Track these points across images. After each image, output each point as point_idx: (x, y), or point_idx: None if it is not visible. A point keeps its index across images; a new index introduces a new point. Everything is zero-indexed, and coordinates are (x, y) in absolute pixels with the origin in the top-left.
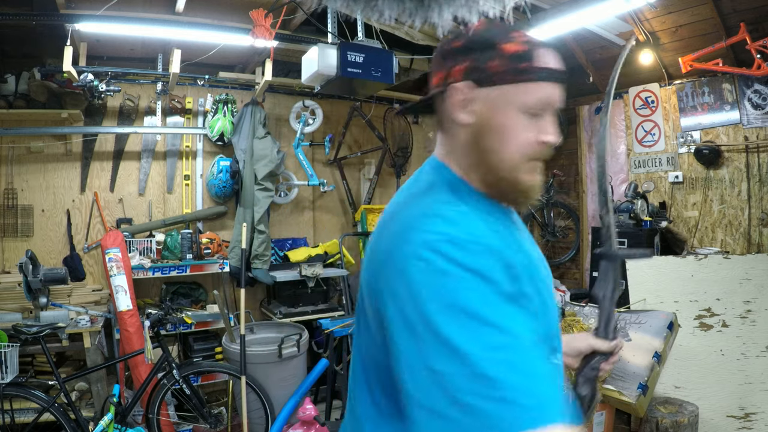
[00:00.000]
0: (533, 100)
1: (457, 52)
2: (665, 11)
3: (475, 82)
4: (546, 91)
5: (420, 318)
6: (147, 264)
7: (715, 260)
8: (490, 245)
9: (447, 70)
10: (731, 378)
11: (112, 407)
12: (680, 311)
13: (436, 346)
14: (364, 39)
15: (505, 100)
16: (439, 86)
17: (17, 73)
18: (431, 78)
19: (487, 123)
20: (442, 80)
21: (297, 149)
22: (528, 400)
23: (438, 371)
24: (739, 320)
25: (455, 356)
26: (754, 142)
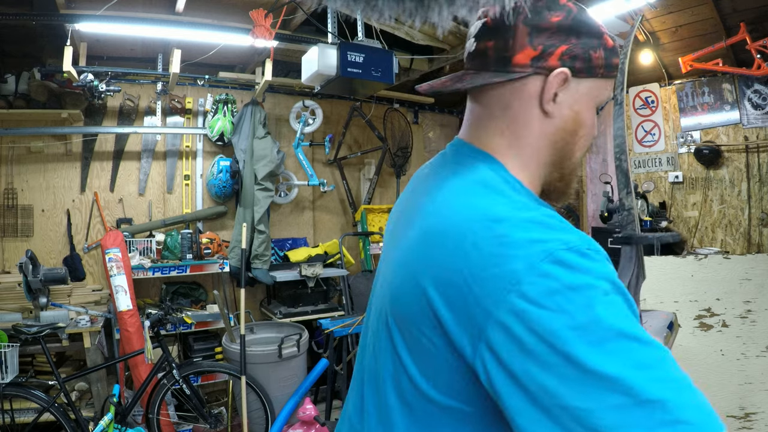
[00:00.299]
0: (606, 96)
1: (559, 30)
2: (665, 11)
3: (573, 70)
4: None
5: (560, 348)
6: (147, 264)
7: (715, 260)
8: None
9: (542, 48)
10: (731, 378)
11: (112, 407)
12: (680, 311)
13: (592, 381)
14: (364, 39)
15: (592, 95)
16: (526, 67)
17: (17, 73)
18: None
19: (576, 117)
20: (531, 59)
21: (297, 149)
22: (698, 416)
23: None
24: (739, 320)
25: (612, 385)
26: (754, 142)
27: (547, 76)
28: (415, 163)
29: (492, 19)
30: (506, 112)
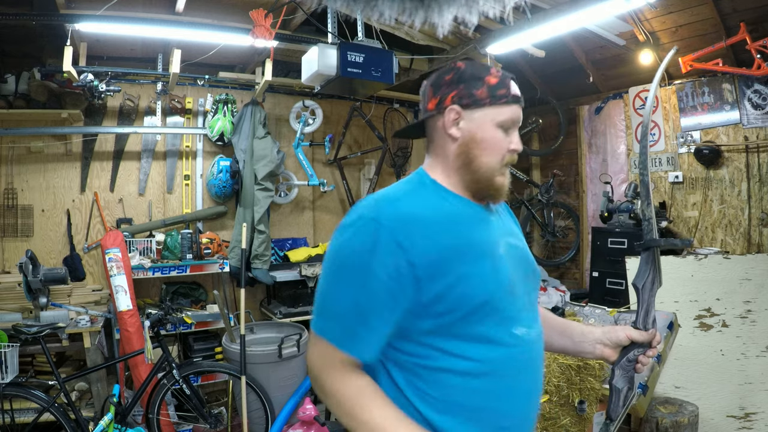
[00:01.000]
0: (504, 117)
1: (449, 83)
2: (665, 11)
3: (463, 106)
4: (513, 111)
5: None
6: (147, 264)
7: (715, 260)
8: (352, 223)
9: (440, 96)
10: (731, 378)
11: (112, 407)
12: (680, 311)
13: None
14: (364, 39)
15: (487, 119)
16: (433, 110)
17: (17, 73)
18: (425, 104)
19: (473, 136)
20: (436, 105)
21: (297, 149)
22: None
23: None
24: (739, 320)
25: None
26: (754, 142)
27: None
28: (415, 163)
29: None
30: (432, 140)
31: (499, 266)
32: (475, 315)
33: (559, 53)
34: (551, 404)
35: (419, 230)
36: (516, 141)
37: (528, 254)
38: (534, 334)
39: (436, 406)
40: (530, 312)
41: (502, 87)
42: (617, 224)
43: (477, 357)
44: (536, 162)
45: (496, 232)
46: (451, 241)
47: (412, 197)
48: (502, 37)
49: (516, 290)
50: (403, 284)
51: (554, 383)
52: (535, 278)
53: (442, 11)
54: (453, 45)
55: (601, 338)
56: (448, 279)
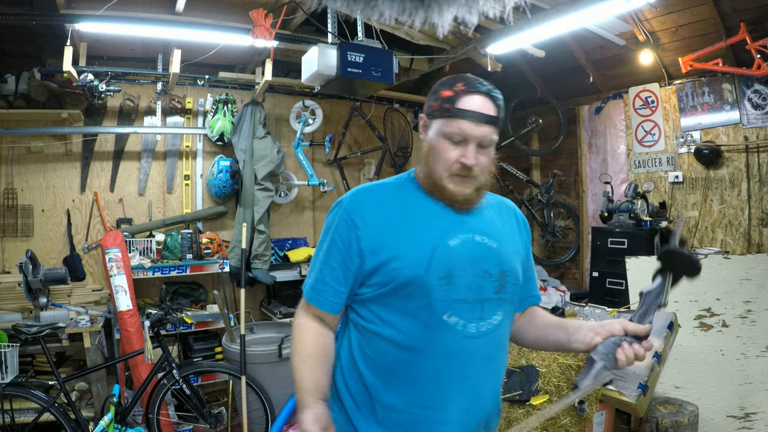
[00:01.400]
0: (449, 130)
1: (430, 92)
2: (665, 11)
3: (427, 115)
4: (461, 126)
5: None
6: (147, 264)
7: (715, 260)
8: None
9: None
10: (731, 378)
11: (112, 407)
12: (680, 311)
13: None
14: (364, 39)
15: (438, 129)
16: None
17: (17, 73)
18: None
19: (430, 144)
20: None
21: (297, 149)
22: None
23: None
24: (739, 320)
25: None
26: (754, 142)
27: None
28: (415, 162)
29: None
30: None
31: (438, 256)
32: (401, 291)
33: (559, 53)
34: (551, 404)
35: (372, 213)
36: (468, 155)
37: (499, 255)
38: (474, 330)
39: (369, 364)
40: (477, 308)
41: (449, 101)
42: (617, 224)
43: (404, 330)
44: (536, 162)
45: (459, 227)
46: (395, 225)
47: (383, 188)
48: (502, 37)
49: (456, 281)
50: (351, 253)
51: (554, 383)
52: (497, 279)
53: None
54: (453, 45)
55: (595, 327)
56: (384, 255)
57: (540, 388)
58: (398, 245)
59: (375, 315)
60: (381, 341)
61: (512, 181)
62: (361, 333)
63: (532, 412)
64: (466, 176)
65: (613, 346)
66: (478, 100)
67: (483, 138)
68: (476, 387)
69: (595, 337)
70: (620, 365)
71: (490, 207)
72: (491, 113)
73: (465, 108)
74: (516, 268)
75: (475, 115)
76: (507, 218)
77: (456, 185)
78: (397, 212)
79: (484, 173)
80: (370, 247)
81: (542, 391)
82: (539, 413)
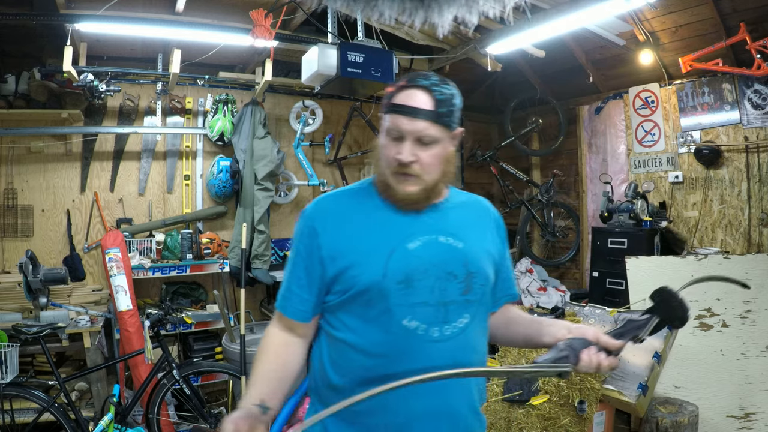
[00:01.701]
0: (387, 125)
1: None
2: (665, 11)
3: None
4: (395, 121)
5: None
6: (147, 264)
7: (715, 260)
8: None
9: None
10: (731, 378)
11: (112, 407)
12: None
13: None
14: (364, 39)
15: (382, 127)
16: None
17: (17, 73)
18: None
19: (380, 142)
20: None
21: (297, 149)
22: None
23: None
24: (739, 320)
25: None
26: (754, 142)
27: None
28: None
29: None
30: None
31: (395, 260)
32: (361, 298)
33: (559, 53)
34: (551, 404)
35: (332, 220)
36: (403, 151)
37: (465, 256)
38: (438, 334)
39: (338, 371)
40: (440, 311)
41: (389, 97)
42: (617, 224)
43: (367, 336)
44: (536, 162)
45: (420, 229)
46: (353, 232)
47: (345, 194)
48: (502, 37)
49: (416, 285)
50: (314, 261)
51: (554, 383)
52: (464, 281)
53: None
54: (453, 45)
55: (569, 326)
56: (343, 263)
57: (540, 388)
58: (355, 252)
59: (340, 322)
60: (347, 348)
61: (512, 181)
62: (330, 340)
63: (532, 413)
64: (405, 174)
65: (581, 345)
66: (415, 95)
67: (419, 133)
68: (446, 394)
69: (567, 335)
70: (581, 365)
71: (460, 206)
72: (427, 107)
73: (399, 103)
74: (484, 269)
75: (408, 110)
76: (478, 217)
77: (398, 183)
78: (356, 218)
79: (429, 172)
80: (330, 255)
81: (542, 391)
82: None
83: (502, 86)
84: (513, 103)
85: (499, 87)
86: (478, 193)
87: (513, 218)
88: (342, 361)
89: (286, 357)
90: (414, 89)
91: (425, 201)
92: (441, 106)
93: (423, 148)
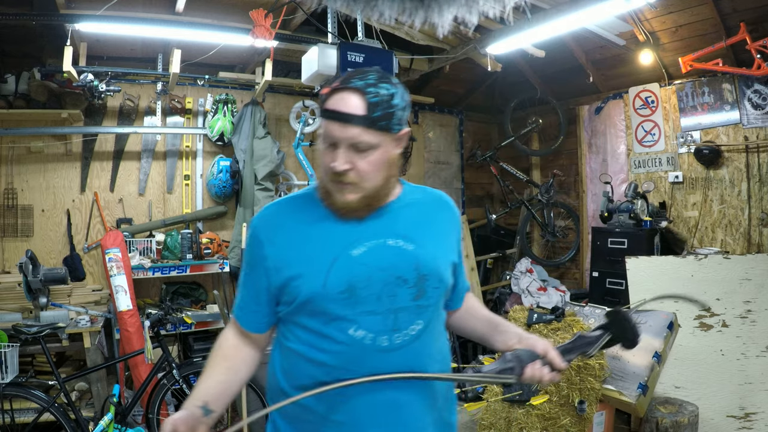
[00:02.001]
0: (323, 132)
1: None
2: (665, 11)
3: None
4: (328, 128)
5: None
6: (147, 264)
7: (715, 260)
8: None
9: None
10: (731, 378)
11: (112, 407)
12: (680, 311)
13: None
14: (364, 39)
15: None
16: None
17: (17, 73)
18: None
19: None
20: None
21: (297, 149)
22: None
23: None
24: (739, 320)
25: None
26: (754, 142)
27: None
28: (415, 162)
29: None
30: None
31: (337, 268)
32: (305, 309)
33: (559, 53)
34: (551, 404)
35: (276, 230)
36: (336, 159)
37: (416, 258)
38: (387, 343)
39: (289, 380)
40: (389, 319)
41: (323, 101)
42: (617, 224)
43: (315, 346)
44: (536, 162)
45: (366, 234)
46: (296, 242)
47: (289, 202)
48: (502, 37)
49: (361, 293)
50: (260, 272)
51: (554, 383)
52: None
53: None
54: (453, 45)
55: (521, 335)
56: (286, 274)
57: (540, 388)
58: (298, 262)
59: (291, 332)
60: (296, 357)
61: (512, 181)
62: (281, 349)
63: (532, 413)
64: (342, 183)
65: (528, 359)
66: (347, 98)
67: (351, 140)
68: (400, 406)
69: (517, 344)
70: (524, 378)
71: (413, 204)
72: (359, 112)
73: (330, 108)
74: (439, 270)
75: (339, 116)
76: (434, 214)
77: (337, 192)
78: (300, 227)
79: (368, 179)
80: (275, 266)
81: (542, 391)
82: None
83: (502, 86)
84: (513, 103)
85: (499, 87)
86: (478, 193)
87: (513, 218)
88: (293, 370)
89: (235, 362)
90: (346, 92)
91: (366, 209)
92: (375, 110)
93: (359, 154)
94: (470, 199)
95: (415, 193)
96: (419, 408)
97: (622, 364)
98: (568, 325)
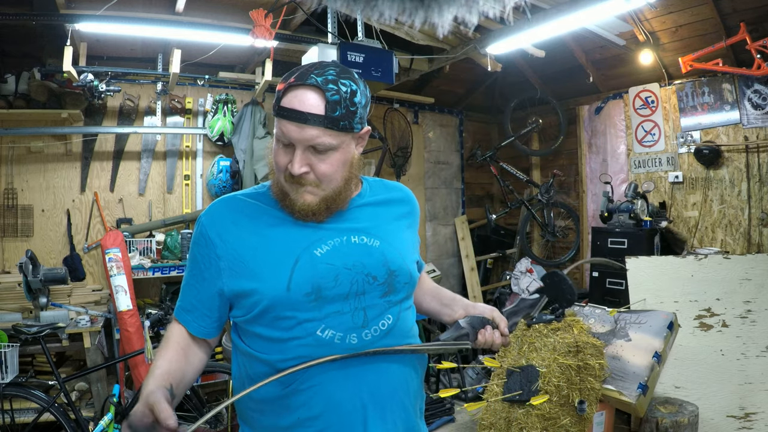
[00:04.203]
0: (278, 132)
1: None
2: (665, 11)
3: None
4: (283, 128)
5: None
6: (147, 264)
7: (715, 260)
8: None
9: None
10: (731, 378)
11: (112, 407)
12: (680, 311)
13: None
14: (364, 39)
15: (275, 130)
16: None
17: (17, 73)
18: None
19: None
20: None
21: None
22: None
23: None
24: (739, 320)
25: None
26: (754, 142)
27: None
28: (415, 162)
29: None
30: None
31: (300, 270)
32: (268, 315)
33: (559, 53)
34: (551, 404)
35: (229, 229)
36: (294, 161)
37: (384, 254)
38: (356, 341)
39: (253, 382)
40: (358, 317)
41: (278, 98)
42: (617, 224)
43: (280, 351)
44: (536, 162)
45: (328, 232)
46: (253, 243)
47: (242, 200)
48: (502, 37)
49: (327, 294)
50: (212, 273)
51: (554, 383)
52: (384, 282)
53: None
54: (453, 45)
55: (467, 306)
56: (244, 278)
57: (540, 388)
58: (257, 265)
59: (251, 337)
60: (260, 364)
61: (512, 181)
62: (243, 355)
63: (532, 413)
64: (300, 185)
65: (480, 325)
66: (304, 96)
67: (309, 142)
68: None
69: (463, 316)
70: (477, 343)
71: (375, 200)
72: (317, 111)
73: (286, 106)
74: (406, 265)
75: (296, 115)
76: (396, 208)
77: (294, 193)
78: (255, 228)
79: (328, 181)
80: (230, 268)
81: (542, 391)
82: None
83: (502, 86)
84: (513, 103)
85: (499, 87)
86: (478, 193)
87: (513, 218)
88: (257, 376)
89: (189, 357)
90: (303, 89)
91: (326, 212)
92: (335, 109)
93: (318, 156)
94: (470, 199)
95: (375, 188)
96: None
97: (622, 364)
98: (568, 325)
